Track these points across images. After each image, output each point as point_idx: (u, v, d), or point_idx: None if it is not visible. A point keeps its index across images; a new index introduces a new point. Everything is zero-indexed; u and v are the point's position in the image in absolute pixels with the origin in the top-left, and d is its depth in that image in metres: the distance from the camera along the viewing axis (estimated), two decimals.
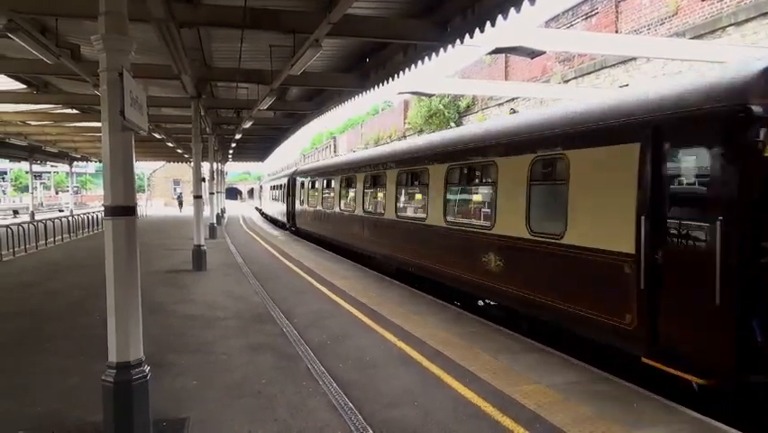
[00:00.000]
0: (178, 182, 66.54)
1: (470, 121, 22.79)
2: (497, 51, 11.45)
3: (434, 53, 9.25)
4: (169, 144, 26.27)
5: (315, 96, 16.91)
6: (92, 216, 24.94)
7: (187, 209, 44.05)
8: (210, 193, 22.48)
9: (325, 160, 32.61)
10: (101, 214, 23.42)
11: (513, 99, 19.63)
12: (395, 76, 10.98)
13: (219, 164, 33.90)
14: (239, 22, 7.76)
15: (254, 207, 55.11)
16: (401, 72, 10.66)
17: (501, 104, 20.66)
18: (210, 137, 21.64)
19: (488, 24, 7.31)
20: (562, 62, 17.56)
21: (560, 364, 5.70)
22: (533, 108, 17.22)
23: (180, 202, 52.04)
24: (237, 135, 22.02)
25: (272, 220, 32.42)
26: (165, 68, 10.68)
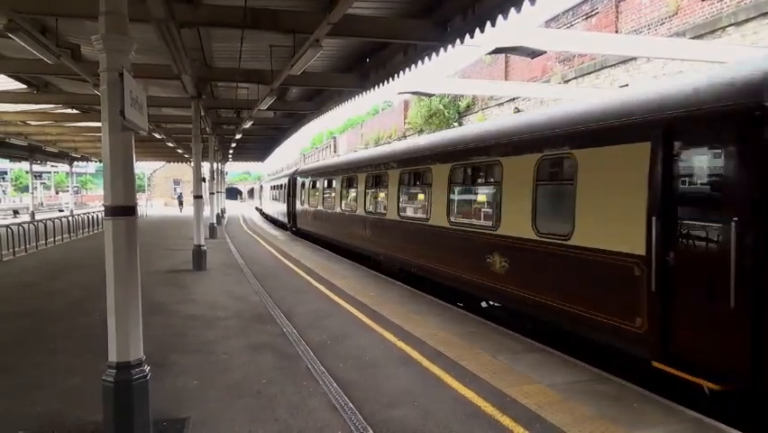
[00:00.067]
0: (178, 182, 66.57)
1: (470, 121, 22.78)
2: (497, 51, 11.42)
3: (434, 53, 9.24)
4: (170, 144, 26.28)
5: (315, 97, 16.92)
6: (92, 216, 24.94)
7: (187, 209, 44.09)
8: (210, 193, 22.49)
9: (327, 160, 32.48)
10: (101, 214, 23.44)
11: (513, 99, 19.63)
12: (395, 76, 10.98)
13: (219, 164, 33.91)
14: (239, 22, 7.77)
15: (254, 207, 55.10)
16: (401, 72, 10.66)
17: (501, 104, 20.66)
18: (210, 137, 21.64)
19: (488, 24, 7.32)
20: (562, 62, 17.56)
21: (560, 364, 5.70)
22: (535, 108, 17.21)
23: (181, 202, 52.07)
24: (237, 135, 22.02)
25: (273, 220, 32.38)
26: (165, 68, 10.69)
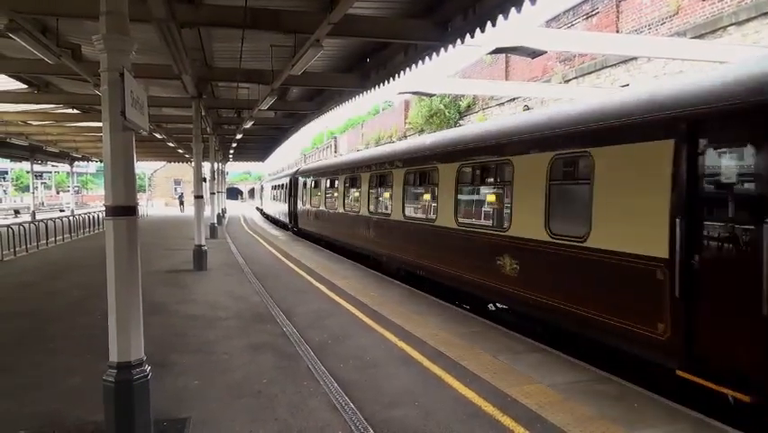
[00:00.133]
0: (178, 182, 66.60)
1: (470, 121, 22.76)
2: (497, 51, 11.41)
3: (434, 53, 9.24)
4: (170, 144, 26.29)
5: (316, 96, 16.92)
6: (93, 216, 24.97)
7: (187, 209, 44.11)
8: (211, 193, 22.50)
9: (329, 159, 32.18)
10: (102, 214, 23.44)
11: (513, 99, 19.62)
12: (395, 76, 10.97)
13: (220, 164, 33.95)
14: (240, 22, 7.77)
15: (255, 207, 55.12)
16: (402, 72, 10.64)
17: (502, 104, 20.64)
18: (211, 137, 21.64)
19: (488, 24, 7.30)
20: (562, 62, 17.55)
21: (561, 364, 5.69)
22: (537, 108, 17.19)
23: (182, 202, 52.10)
24: (238, 135, 22.03)
25: (273, 220, 32.36)
26: (166, 68, 10.68)
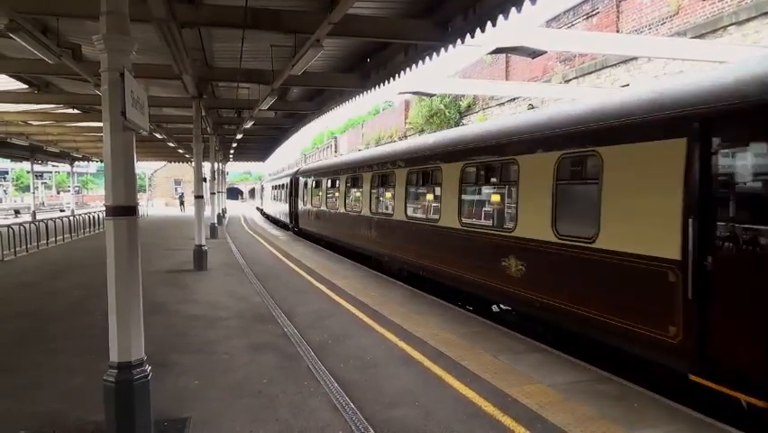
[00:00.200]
0: (179, 182, 66.64)
1: (470, 121, 22.76)
2: (498, 51, 11.41)
3: (434, 53, 9.24)
4: (171, 144, 26.29)
5: (316, 96, 16.92)
6: (93, 216, 24.98)
7: (188, 209, 44.12)
8: (211, 193, 22.50)
9: (330, 159, 32.04)
10: (102, 214, 23.45)
11: (514, 99, 19.62)
12: (396, 76, 10.97)
13: (220, 164, 33.95)
14: (240, 22, 7.77)
15: (255, 207, 55.15)
16: (402, 72, 10.65)
17: (502, 104, 20.64)
18: (211, 137, 21.65)
19: (489, 24, 7.31)
20: (562, 62, 17.55)
21: (561, 364, 5.69)
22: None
23: (182, 202, 52.10)
24: (238, 135, 22.03)
25: (274, 221, 32.34)
26: (166, 68, 10.69)
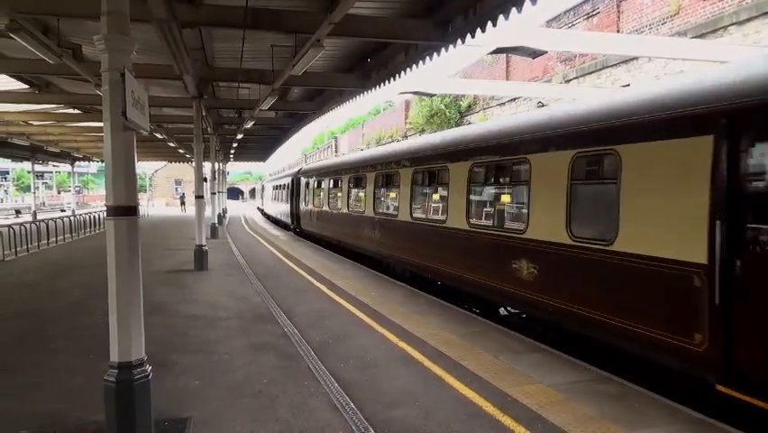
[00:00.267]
0: (179, 182, 66.69)
1: (471, 121, 22.75)
2: (498, 51, 11.40)
3: (435, 53, 9.23)
4: (171, 144, 26.30)
5: (317, 96, 16.92)
6: (94, 216, 24.99)
7: (188, 209, 44.15)
8: (212, 193, 22.50)
9: (333, 158, 31.88)
10: (103, 213, 23.44)
11: (514, 99, 19.63)
12: (396, 76, 10.97)
13: (221, 164, 33.95)
14: (240, 22, 7.77)
15: (256, 207, 55.16)
16: (402, 72, 10.64)
17: (503, 104, 20.64)
18: (212, 137, 21.65)
19: (489, 24, 7.30)
20: (563, 62, 17.55)
21: (561, 364, 5.69)
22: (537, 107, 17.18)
23: (183, 202, 52.14)
24: (239, 135, 22.03)
25: (275, 221, 32.30)
26: (167, 68, 10.69)
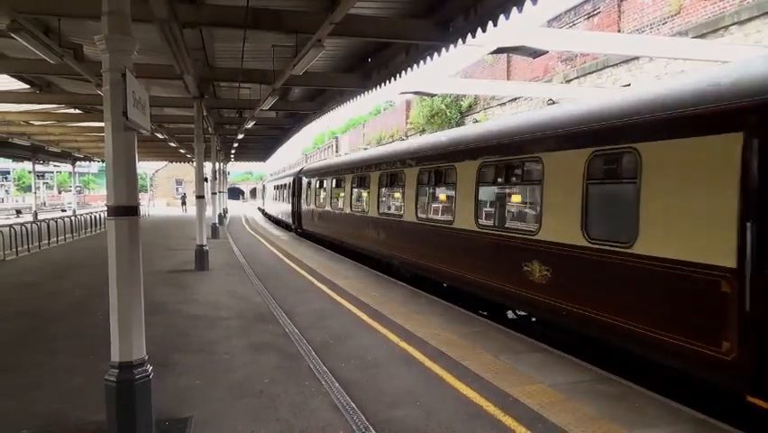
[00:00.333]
0: (180, 182, 66.75)
1: (472, 121, 22.75)
2: (499, 51, 11.37)
3: (436, 53, 9.23)
4: (172, 144, 26.30)
5: (318, 96, 16.92)
6: (94, 216, 25.01)
7: (189, 209, 44.18)
8: (212, 193, 22.51)
9: (335, 158, 31.70)
10: (103, 213, 23.48)
11: (515, 99, 19.63)
12: (397, 76, 10.96)
13: (221, 164, 33.97)
14: (241, 22, 7.77)
15: (257, 207, 55.18)
16: (403, 72, 10.63)
17: (503, 103, 20.65)
18: (212, 137, 21.67)
19: (490, 24, 7.30)
20: (564, 62, 17.54)
21: (562, 364, 5.69)
22: (539, 107, 17.18)
23: (184, 202, 52.20)
24: (239, 135, 22.06)
25: (276, 221, 32.24)
26: (167, 68, 10.70)
